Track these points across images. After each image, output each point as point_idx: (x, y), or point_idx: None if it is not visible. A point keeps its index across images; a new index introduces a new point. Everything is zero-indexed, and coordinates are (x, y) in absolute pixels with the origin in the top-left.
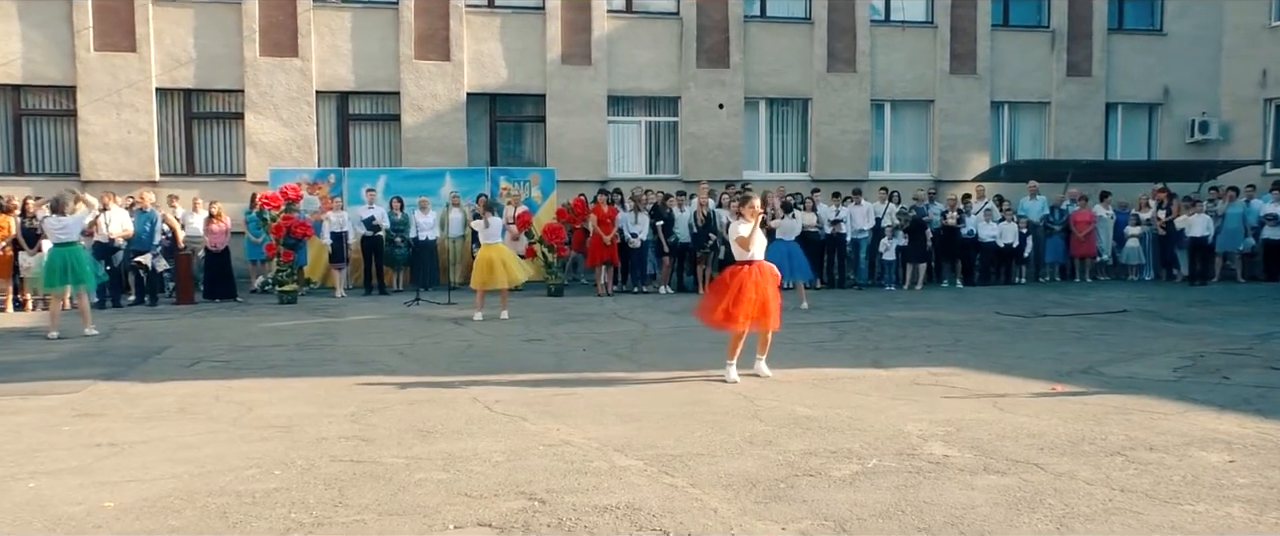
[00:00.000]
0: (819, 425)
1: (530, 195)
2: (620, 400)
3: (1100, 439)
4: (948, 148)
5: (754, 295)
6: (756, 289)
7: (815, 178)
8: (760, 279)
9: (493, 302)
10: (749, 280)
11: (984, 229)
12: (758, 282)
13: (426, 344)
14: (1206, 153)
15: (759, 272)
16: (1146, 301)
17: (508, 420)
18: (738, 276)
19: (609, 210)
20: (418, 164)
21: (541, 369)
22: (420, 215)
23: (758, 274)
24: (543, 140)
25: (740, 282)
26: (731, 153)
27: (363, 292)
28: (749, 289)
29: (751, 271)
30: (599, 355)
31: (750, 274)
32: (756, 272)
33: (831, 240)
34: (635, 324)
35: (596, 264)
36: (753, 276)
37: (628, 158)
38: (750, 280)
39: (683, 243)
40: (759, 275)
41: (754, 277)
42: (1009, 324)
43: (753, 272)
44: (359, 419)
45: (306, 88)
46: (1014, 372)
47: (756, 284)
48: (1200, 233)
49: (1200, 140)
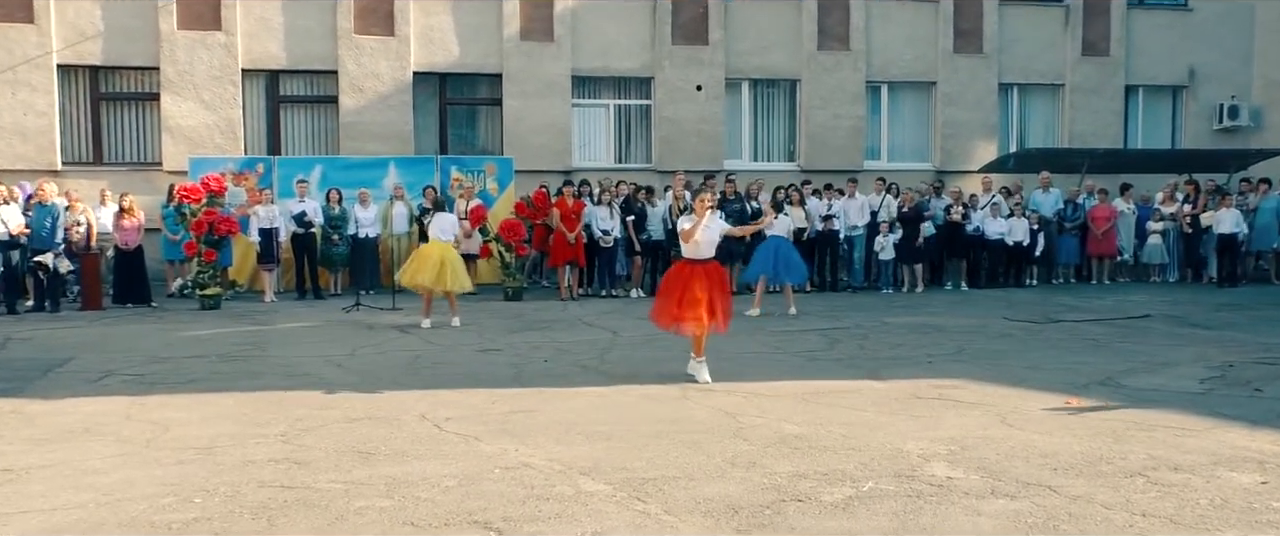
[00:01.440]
0: (809, 444)
1: (485, 187)
2: (587, 417)
3: (1120, 458)
4: (951, 135)
5: (701, 294)
6: (703, 288)
7: (804, 168)
8: (709, 279)
9: (442, 308)
10: (694, 278)
11: (991, 225)
12: (702, 282)
13: (368, 354)
14: (1236, 140)
15: (712, 272)
16: (1171, 305)
17: (459, 440)
18: (681, 275)
19: (574, 204)
20: (358, 152)
21: (498, 382)
22: (360, 209)
23: (708, 272)
24: (499, 125)
25: (685, 281)
26: (711, 140)
27: (295, 297)
28: (695, 287)
29: (696, 270)
30: (563, 366)
31: (695, 272)
32: (706, 271)
33: (823, 238)
34: (604, 331)
35: (560, 264)
36: (698, 274)
37: (595, 145)
38: (702, 279)
39: (656, 241)
40: (709, 275)
41: (703, 277)
42: (1019, 331)
43: (698, 271)
44: (291, 439)
45: (231, 65)
46: (1024, 385)
47: (701, 283)
48: (1229, 229)
49: (1229, 127)
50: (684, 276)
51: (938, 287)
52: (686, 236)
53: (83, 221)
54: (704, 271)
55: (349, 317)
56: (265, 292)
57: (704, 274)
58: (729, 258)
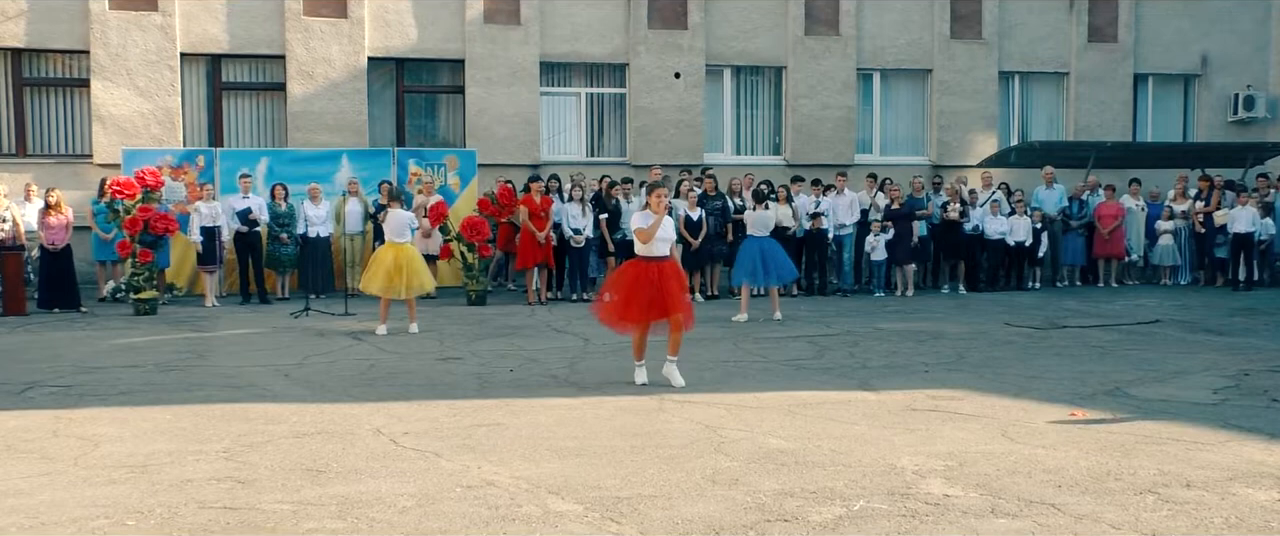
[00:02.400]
0: (795, 459)
1: (446, 182)
2: (556, 431)
3: (1129, 474)
4: (948, 127)
5: (645, 293)
6: (651, 285)
7: (791, 162)
8: (662, 278)
9: (399, 313)
10: (642, 277)
11: (991, 224)
12: (659, 281)
13: (318, 363)
14: (1252, 133)
15: (665, 270)
16: (1182, 310)
17: (418, 456)
18: (636, 274)
19: (542, 201)
20: (307, 144)
21: (460, 393)
22: (310, 206)
23: (662, 271)
24: (461, 115)
25: (630, 280)
26: (690, 132)
27: (239, 301)
28: (640, 286)
29: (647, 268)
30: (530, 376)
31: (645, 270)
32: (660, 270)
33: (810, 237)
34: (574, 338)
35: (527, 266)
36: (648, 273)
37: (565, 137)
38: (653, 278)
39: (631, 241)
40: (662, 273)
41: (656, 276)
42: (1020, 337)
43: (649, 270)
44: (234, 456)
45: (169, 49)
46: (1027, 395)
47: (650, 281)
48: (1245, 228)
49: (1245, 118)
50: (630, 275)
51: (934, 291)
52: (644, 236)
53: (6, 218)
54: (659, 271)
55: (298, 324)
56: (206, 297)
57: (659, 274)
58: (711, 259)
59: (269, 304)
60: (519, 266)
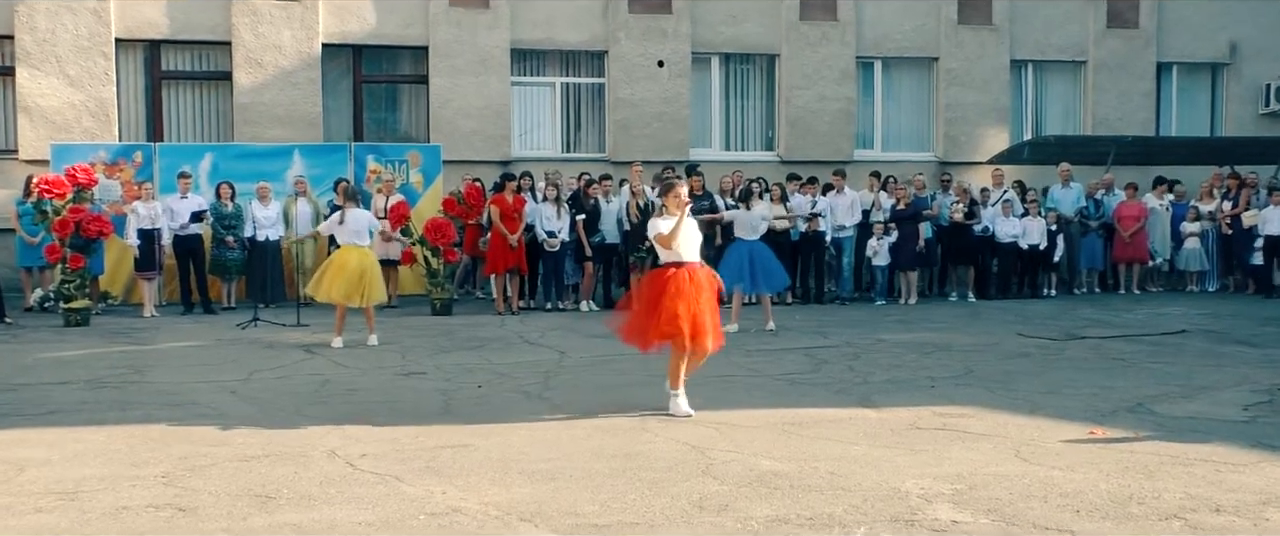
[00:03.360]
0: (790, 483)
1: (408, 181)
2: (528, 452)
3: (1152, 498)
4: (956, 120)
5: (681, 307)
6: (684, 298)
7: (785, 158)
8: (689, 286)
9: (356, 324)
10: (673, 287)
11: (1002, 226)
12: (685, 290)
13: (268, 379)
14: None
15: (689, 278)
16: (1210, 319)
17: (377, 480)
18: (659, 283)
19: (514, 200)
20: (256, 138)
21: (423, 412)
22: (259, 207)
23: (687, 279)
24: (424, 107)
25: (660, 291)
26: (675, 125)
27: (180, 311)
28: (673, 298)
29: (678, 275)
30: (501, 393)
31: (676, 279)
32: (685, 277)
33: (806, 241)
34: (549, 351)
35: (497, 272)
36: (679, 282)
37: (538, 131)
38: (674, 287)
39: (611, 244)
40: (689, 281)
41: (681, 283)
42: (1035, 349)
43: (680, 277)
44: (174, 481)
45: (102, 34)
46: (1042, 412)
47: (683, 291)
48: (1277, 230)
49: (1277, 111)
50: (661, 285)
51: (940, 299)
52: (666, 240)
53: None
54: (689, 276)
55: (245, 336)
56: (144, 306)
57: (689, 280)
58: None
59: (213, 314)
60: (488, 272)
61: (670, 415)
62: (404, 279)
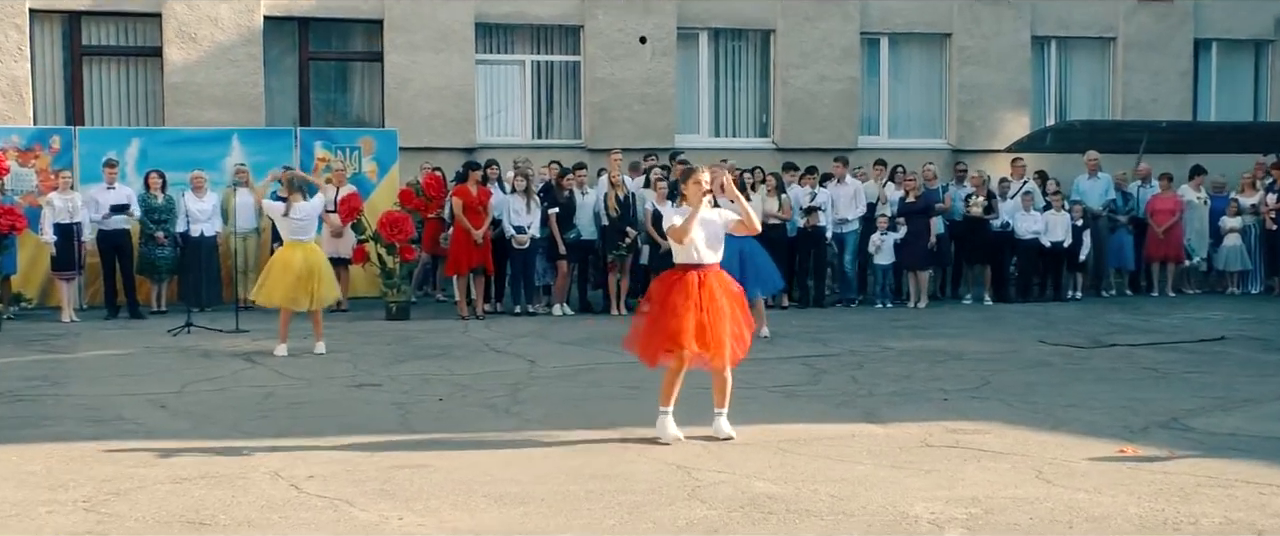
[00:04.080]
0: (786, 507)
1: (361, 170)
2: (495, 473)
3: (1188, 523)
4: (971, 104)
5: (689, 317)
6: (701, 304)
7: (781, 145)
8: (699, 291)
9: (302, 330)
10: (680, 293)
11: (1022, 221)
12: (694, 296)
13: (203, 392)
14: None
15: (699, 282)
16: (1253, 324)
17: (325, 505)
18: (670, 285)
19: (479, 192)
20: (189, 121)
21: (377, 428)
22: (193, 199)
23: (697, 284)
24: (379, 88)
25: (666, 296)
26: (659, 108)
27: (104, 315)
28: (687, 304)
29: (687, 280)
30: (464, 407)
31: (685, 284)
32: (695, 282)
33: (805, 237)
34: (518, 360)
35: (460, 272)
36: (688, 287)
37: (506, 115)
38: (682, 292)
39: (587, 240)
40: (699, 287)
41: (691, 288)
42: (1058, 357)
43: (689, 282)
44: (97, 506)
45: (14, 5)
46: (1066, 428)
47: (692, 298)
48: None
49: None
50: (674, 288)
51: (954, 301)
52: (679, 234)
53: None
54: (699, 281)
55: (177, 343)
56: (62, 309)
57: (699, 285)
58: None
59: (141, 318)
60: (449, 272)
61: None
62: (356, 279)
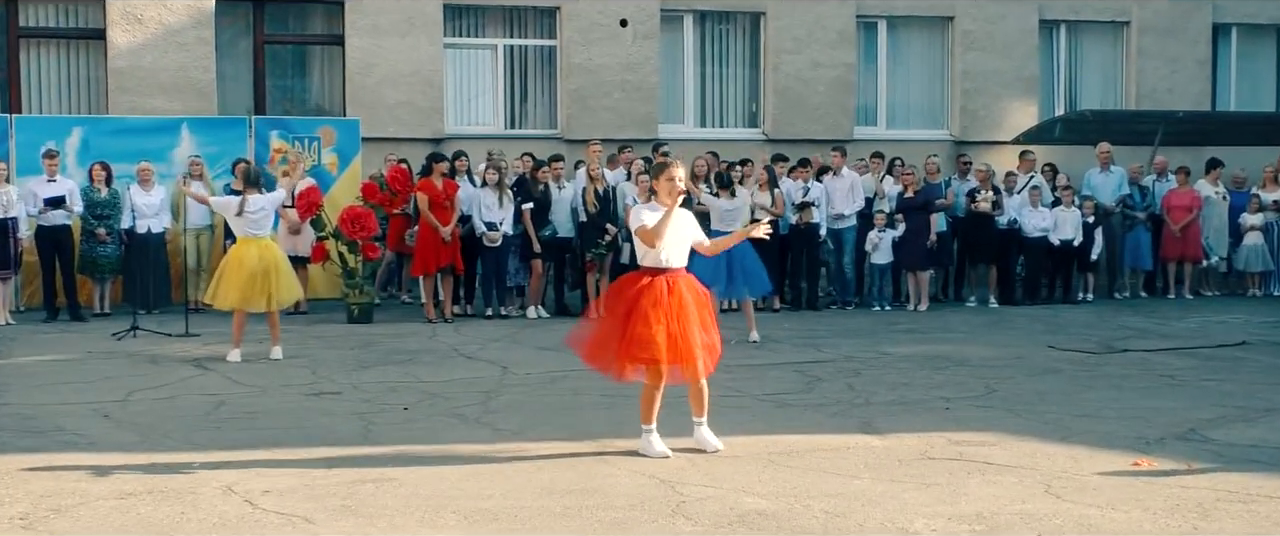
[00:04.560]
0: (777, 524)
1: (320, 162)
2: (465, 488)
3: None
4: (975, 92)
5: (657, 326)
6: (661, 314)
7: (772, 136)
8: (668, 298)
9: (258, 333)
10: (647, 300)
11: (1030, 217)
12: (663, 303)
13: (150, 400)
14: None
15: (667, 288)
16: (1275, 328)
17: (283, 522)
18: (638, 292)
19: (447, 186)
20: (135, 109)
21: (338, 439)
22: (139, 193)
23: (665, 290)
24: (340, 74)
25: (630, 304)
26: (640, 96)
27: (43, 317)
28: (658, 313)
29: (654, 286)
30: (431, 417)
31: (651, 290)
32: (662, 288)
33: (797, 234)
34: (490, 367)
35: (427, 272)
36: (655, 294)
37: (477, 103)
38: (648, 299)
39: (563, 238)
40: (667, 293)
41: (657, 295)
42: (1068, 364)
43: (656, 288)
44: (35, 524)
45: None
46: (1076, 439)
47: (661, 305)
48: None
49: None
50: (639, 295)
51: (956, 304)
52: (650, 236)
53: None
54: (668, 287)
55: (122, 347)
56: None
57: (669, 292)
58: None
59: (83, 321)
60: (415, 272)
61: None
62: (315, 280)
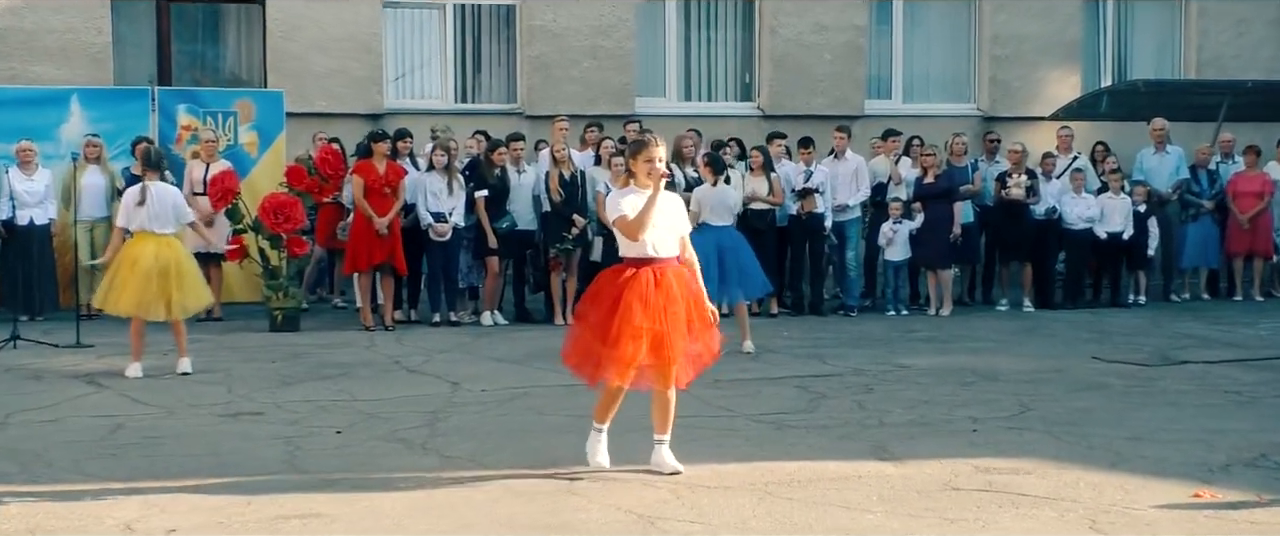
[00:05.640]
0: None
1: (236, 141)
2: (408, 524)
3: None
4: (1007, 60)
5: (654, 322)
6: (646, 310)
7: (768, 111)
8: (655, 293)
9: (163, 343)
10: (631, 295)
11: (1072, 206)
12: (650, 299)
13: (32, 423)
14: None
15: (655, 281)
16: None
17: None
18: (612, 288)
19: (388, 170)
20: (15, 78)
21: (258, 468)
22: (19, 177)
23: (651, 284)
24: (260, 38)
25: (613, 300)
26: (614, 65)
27: None
28: (628, 312)
29: (639, 279)
30: (369, 441)
31: (636, 284)
32: (648, 281)
33: (799, 226)
34: (438, 382)
35: (363, 270)
36: (640, 288)
37: (422, 73)
38: (632, 294)
39: (524, 231)
40: (654, 287)
41: (643, 289)
42: (1116, 378)
43: (642, 281)
44: None
45: None
46: (1126, 466)
47: (648, 301)
48: None
49: None
50: (622, 288)
51: (985, 307)
52: (632, 228)
53: None
54: (655, 280)
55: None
56: None
57: (655, 285)
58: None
59: None
60: (349, 271)
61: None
62: (231, 281)
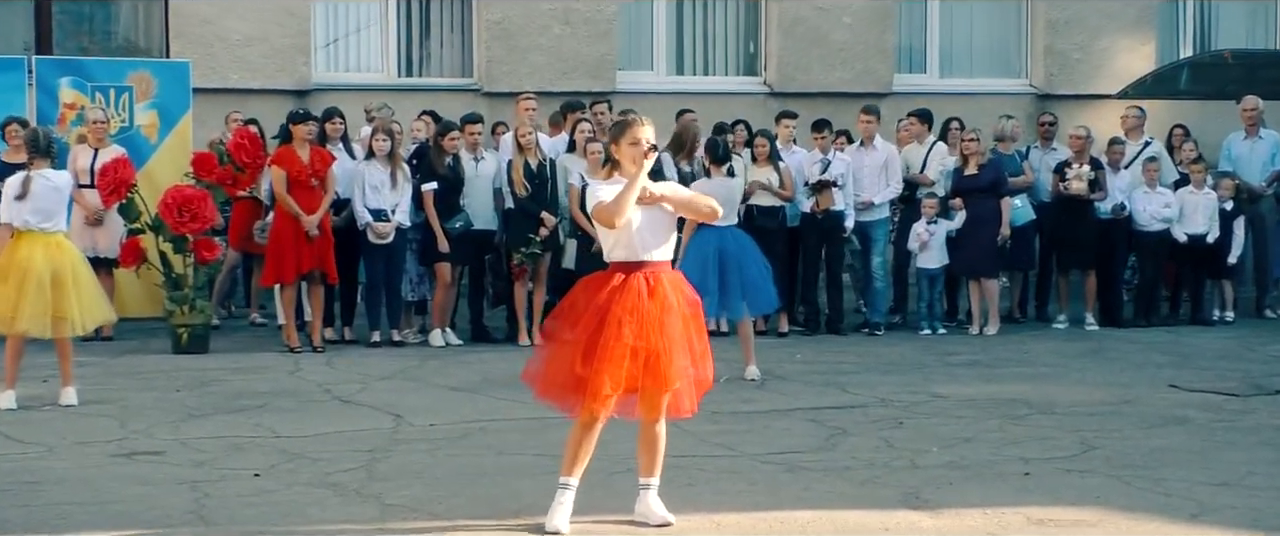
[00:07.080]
0: None
1: (132, 123)
2: None
3: None
4: (1067, 27)
5: (644, 339)
6: (650, 322)
7: (777, 88)
8: (657, 304)
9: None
10: (618, 308)
11: (1143, 202)
12: (644, 311)
13: None
14: None
15: (647, 290)
16: None
17: None
18: (595, 299)
19: (315, 157)
20: None
21: (158, 519)
22: None
23: (643, 293)
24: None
25: (599, 313)
26: (592, 34)
27: None
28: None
29: (628, 288)
30: (292, 487)
31: (626, 293)
32: (638, 290)
33: (813, 227)
34: (377, 415)
35: (286, 280)
36: (631, 298)
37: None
38: (621, 307)
39: (483, 231)
40: (647, 297)
41: (634, 299)
42: (1198, 411)
43: (631, 290)
44: None
45: None
46: (1210, 517)
47: (639, 313)
48: None
49: None
50: (605, 300)
51: (1039, 324)
52: (608, 214)
53: None
54: (648, 288)
55: None
56: None
57: (648, 295)
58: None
59: None
60: (268, 280)
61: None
62: (125, 291)
